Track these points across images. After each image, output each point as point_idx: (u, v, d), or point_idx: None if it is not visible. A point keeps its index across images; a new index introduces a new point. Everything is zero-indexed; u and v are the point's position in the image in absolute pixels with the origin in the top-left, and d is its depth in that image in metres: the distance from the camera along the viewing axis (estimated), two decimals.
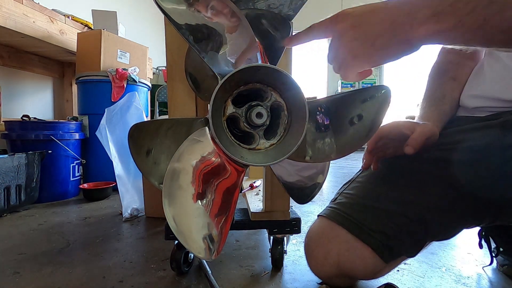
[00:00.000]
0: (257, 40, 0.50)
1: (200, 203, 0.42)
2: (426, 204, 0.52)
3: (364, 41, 0.39)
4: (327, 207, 0.60)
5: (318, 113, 0.48)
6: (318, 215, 0.60)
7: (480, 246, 0.70)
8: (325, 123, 0.48)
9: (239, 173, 0.46)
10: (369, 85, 0.55)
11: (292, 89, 0.44)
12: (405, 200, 0.53)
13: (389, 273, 0.64)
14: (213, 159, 0.44)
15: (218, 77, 0.44)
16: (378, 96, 0.47)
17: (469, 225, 0.56)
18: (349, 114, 0.48)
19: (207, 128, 0.44)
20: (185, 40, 0.43)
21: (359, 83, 4.73)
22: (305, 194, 0.60)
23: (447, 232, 0.55)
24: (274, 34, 0.54)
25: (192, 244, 0.40)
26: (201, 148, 0.44)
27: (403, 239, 0.51)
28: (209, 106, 0.41)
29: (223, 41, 0.45)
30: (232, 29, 0.46)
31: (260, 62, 0.47)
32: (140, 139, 0.46)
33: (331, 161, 0.56)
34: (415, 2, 0.36)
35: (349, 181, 0.63)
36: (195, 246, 0.40)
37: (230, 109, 0.45)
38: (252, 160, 0.45)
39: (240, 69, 0.41)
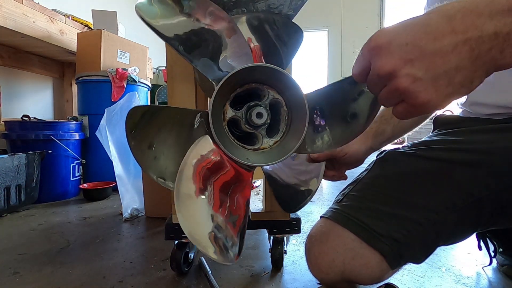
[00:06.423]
0: (256, 44, 0.51)
1: (215, 212, 0.43)
2: (439, 209, 0.49)
3: (435, 80, 0.29)
4: (330, 208, 0.57)
5: (315, 116, 0.48)
6: (321, 217, 0.57)
7: (479, 247, 0.70)
8: (322, 124, 0.49)
9: (248, 175, 0.46)
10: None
11: (288, 83, 0.44)
12: (416, 205, 0.50)
13: None
14: (221, 166, 0.44)
15: (214, 83, 0.44)
16: (367, 91, 0.48)
17: (482, 229, 0.55)
18: (344, 114, 0.49)
19: (208, 137, 0.44)
20: (175, 51, 0.43)
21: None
22: (295, 202, 0.59)
23: (458, 237, 0.53)
24: (284, 40, 0.54)
25: (210, 252, 0.41)
26: (207, 156, 0.44)
27: (413, 245, 0.49)
28: (209, 114, 0.41)
29: (214, 46, 0.45)
30: (229, 33, 0.45)
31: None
32: (140, 130, 0.45)
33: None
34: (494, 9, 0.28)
35: (355, 181, 0.59)
36: (212, 252, 0.41)
37: (230, 112, 0.46)
38: (258, 160, 0.45)
39: (234, 71, 0.42)
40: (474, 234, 0.69)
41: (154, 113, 0.45)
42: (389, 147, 0.62)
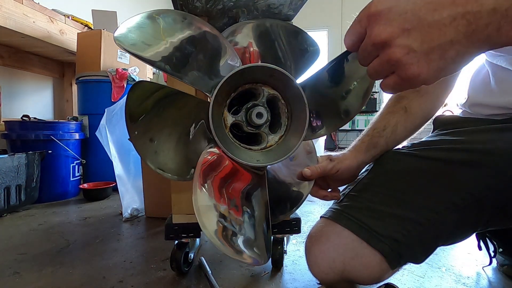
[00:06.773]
0: (255, 49, 0.52)
1: (236, 216, 0.43)
2: (439, 209, 0.49)
3: (428, 53, 0.29)
4: (330, 208, 0.57)
5: (311, 119, 0.49)
6: (321, 217, 0.57)
7: (479, 248, 0.70)
8: (318, 124, 0.51)
9: (261, 176, 0.46)
10: None
11: (281, 77, 0.45)
12: (416, 205, 0.50)
13: None
14: (233, 173, 0.44)
15: (207, 95, 0.44)
16: (354, 88, 0.49)
17: (482, 229, 0.54)
18: (337, 113, 0.51)
19: (215, 147, 0.44)
20: (163, 71, 0.43)
21: None
22: (279, 209, 0.59)
23: (458, 237, 0.53)
24: (285, 46, 0.55)
25: (244, 256, 0.41)
26: (217, 166, 0.44)
27: (413, 245, 0.49)
28: (211, 125, 0.41)
29: (199, 58, 0.45)
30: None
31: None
32: (146, 122, 0.44)
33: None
34: None
35: (355, 181, 0.59)
36: (249, 256, 0.41)
37: (229, 119, 0.46)
38: (267, 160, 0.46)
39: (225, 79, 0.42)
40: (474, 234, 0.69)
41: (163, 106, 0.44)
42: None
